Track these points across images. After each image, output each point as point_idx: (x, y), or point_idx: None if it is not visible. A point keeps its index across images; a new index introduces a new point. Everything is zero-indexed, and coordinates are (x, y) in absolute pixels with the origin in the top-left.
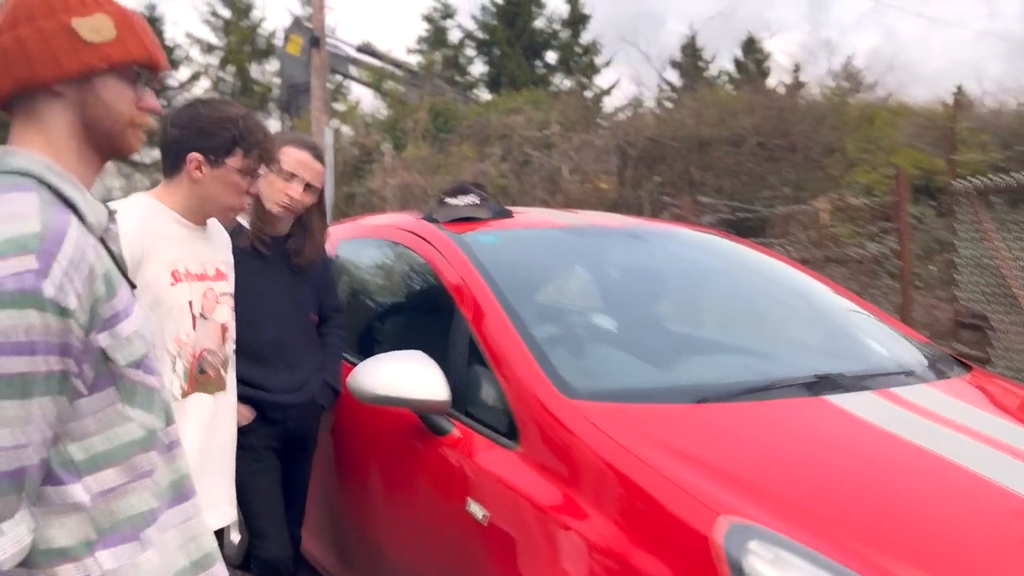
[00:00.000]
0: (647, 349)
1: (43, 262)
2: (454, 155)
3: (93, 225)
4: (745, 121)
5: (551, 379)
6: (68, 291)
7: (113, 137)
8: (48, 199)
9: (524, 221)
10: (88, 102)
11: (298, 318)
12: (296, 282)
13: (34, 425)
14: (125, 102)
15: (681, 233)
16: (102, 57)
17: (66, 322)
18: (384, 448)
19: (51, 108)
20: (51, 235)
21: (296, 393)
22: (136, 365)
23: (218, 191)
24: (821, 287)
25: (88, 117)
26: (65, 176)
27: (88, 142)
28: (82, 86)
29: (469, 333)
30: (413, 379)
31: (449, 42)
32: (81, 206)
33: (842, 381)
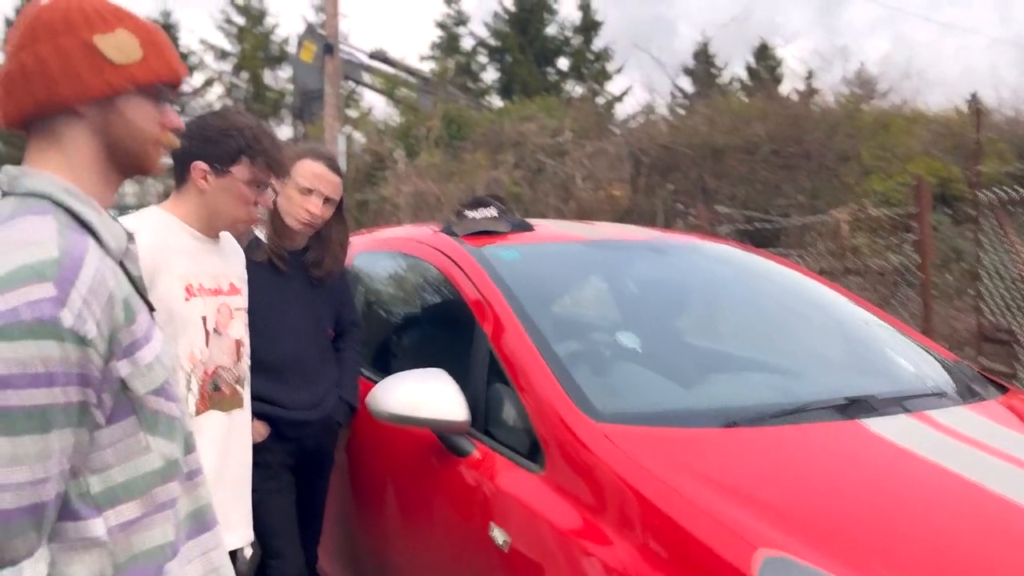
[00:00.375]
0: (672, 367)
1: (61, 290)
2: (467, 163)
3: (112, 248)
4: (759, 128)
5: (576, 400)
6: (87, 319)
7: (136, 156)
8: (65, 222)
9: (544, 235)
10: (111, 122)
11: (316, 333)
12: (314, 296)
13: (54, 459)
14: (149, 121)
15: (702, 246)
16: (128, 78)
17: (85, 352)
18: (402, 467)
19: (72, 129)
20: (69, 261)
21: (313, 410)
22: (156, 392)
23: (225, 203)
24: (845, 301)
25: (111, 137)
26: (83, 198)
27: (110, 162)
28: (105, 106)
29: (489, 351)
30: (432, 398)
31: (462, 49)
32: (100, 229)
33: (875, 403)
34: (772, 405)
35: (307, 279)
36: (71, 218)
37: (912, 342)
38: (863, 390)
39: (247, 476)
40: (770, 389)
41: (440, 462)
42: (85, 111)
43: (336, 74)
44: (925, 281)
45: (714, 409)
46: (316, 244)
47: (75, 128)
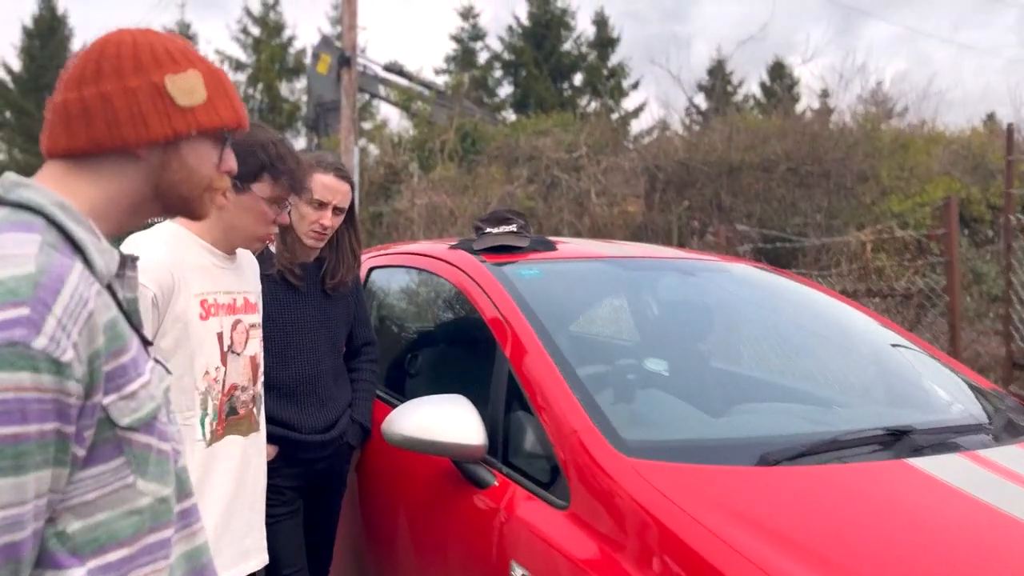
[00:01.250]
0: (701, 395)
1: (35, 311)
2: (482, 176)
3: (101, 271)
4: (777, 146)
5: (604, 432)
6: (63, 342)
7: (188, 201)
8: (53, 242)
9: (565, 252)
10: (170, 167)
11: (331, 352)
12: (329, 312)
13: (29, 502)
14: (207, 166)
15: (728, 267)
16: (194, 123)
17: (61, 378)
18: (417, 496)
19: (125, 169)
20: (47, 280)
21: (326, 433)
22: (145, 428)
23: (243, 220)
24: (875, 325)
25: (166, 181)
26: (77, 216)
27: (155, 202)
28: (167, 150)
29: (510, 374)
30: (448, 423)
31: (477, 63)
32: (90, 251)
33: (918, 438)
34: (809, 436)
35: (321, 293)
36: (61, 237)
37: (946, 368)
38: (903, 421)
39: (262, 500)
40: (805, 420)
41: (457, 491)
42: (144, 154)
43: (352, 86)
44: (952, 304)
45: (748, 442)
46: (329, 253)
47: (127, 168)
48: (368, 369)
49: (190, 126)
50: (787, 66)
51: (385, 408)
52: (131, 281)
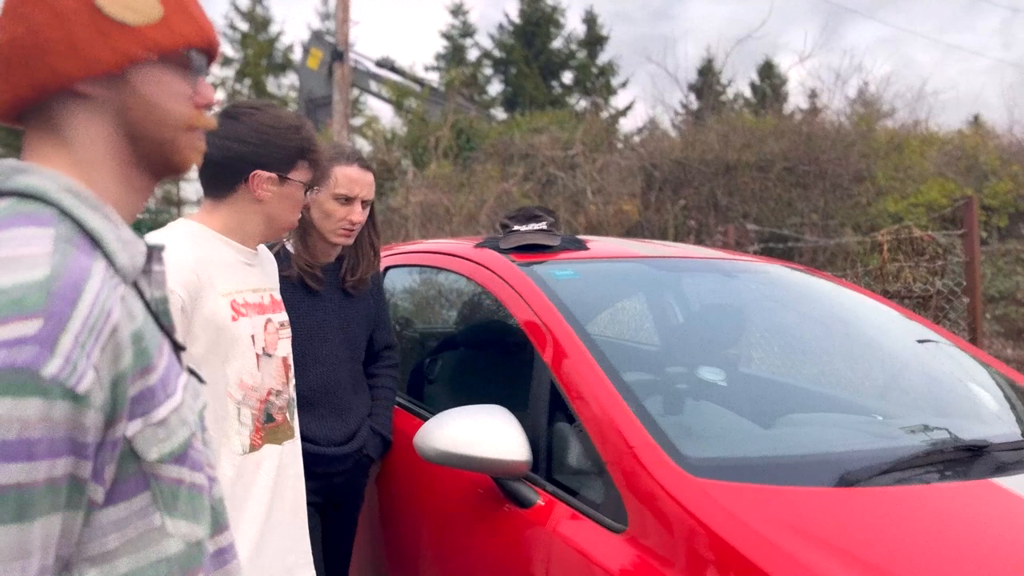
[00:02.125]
0: (758, 406)
1: (49, 327)
2: (478, 174)
3: (126, 268)
4: (774, 146)
5: (665, 449)
6: (81, 366)
7: (165, 147)
8: (67, 235)
9: (598, 252)
10: (128, 104)
11: (351, 359)
12: (350, 316)
13: (35, 555)
14: (176, 99)
15: (767, 268)
16: (143, 43)
17: (78, 410)
18: (450, 515)
19: (75, 115)
20: (62, 287)
21: (344, 445)
22: (176, 459)
23: (282, 210)
24: (924, 329)
25: (130, 124)
26: (94, 201)
27: (134, 158)
28: (116, 83)
29: (552, 384)
30: (488, 436)
31: (466, 61)
32: (110, 244)
33: (1003, 457)
34: (886, 453)
35: (341, 295)
36: (76, 229)
37: (1003, 377)
38: (977, 436)
39: (303, 510)
40: (873, 434)
41: (495, 510)
42: (92, 91)
43: (345, 81)
44: (974, 306)
45: (821, 459)
46: (347, 249)
47: (80, 114)
48: (388, 375)
49: (141, 47)
50: (775, 66)
51: (408, 418)
52: (159, 277)
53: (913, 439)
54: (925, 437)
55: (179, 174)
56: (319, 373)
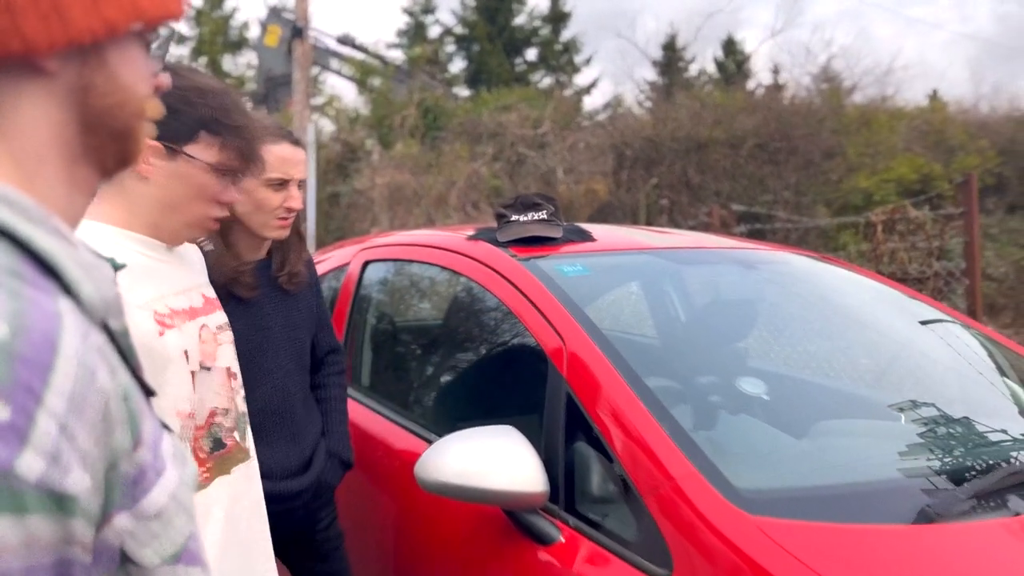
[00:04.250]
0: (814, 424)
1: (19, 410)
2: (447, 154)
3: (94, 304)
4: (744, 123)
5: (711, 480)
6: (65, 457)
7: (124, 137)
8: (10, 266)
9: (607, 244)
10: (92, 84)
11: (299, 368)
12: (292, 318)
13: None
14: (144, 81)
15: (788, 259)
16: (132, 9)
17: (68, 521)
18: (455, 551)
19: (20, 96)
20: (29, 349)
21: (303, 475)
22: (177, 558)
23: (177, 195)
24: (958, 324)
25: (89, 109)
26: (36, 212)
27: (83, 150)
28: (86, 57)
29: (569, 399)
30: (497, 463)
31: (427, 38)
32: (70, 271)
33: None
34: (958, 472)
35: (279, 296)
36: (20, 255)
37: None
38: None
39: (265, 546)
40: (944, 453)
41: (509, 547)
42: (53, 65)
43: (306, 59)
44: (974, 287)
45: (888, 488)
46: (276, 245)
47: (28, 94)
48: (337, 384)
49: (127, 15)
50: (737, 43)
51: (402, 437)
52: (116, 301)
53: (986, 453)
54: (998, 450)
55: (125, 167)
56: (265, 392)
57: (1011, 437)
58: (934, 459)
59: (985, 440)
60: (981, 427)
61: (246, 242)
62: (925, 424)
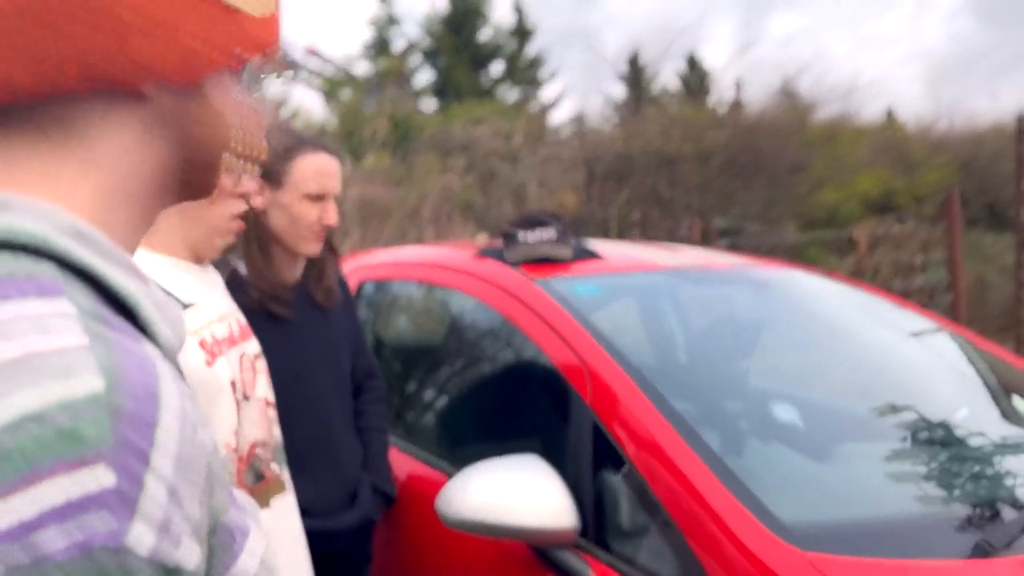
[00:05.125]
0: (853, 451)
1: (126, 475)
2: (418, 167)
3: (172, 346)
4: (713, 138)
5: (757, 515)
6: (178, 529)
7: (210, 172)
8: (92, 309)
9: (617, 263)
10: (195, 117)
11: (340, 393)
12: (331, 337)
13: None
14: (235, 111)
15: (801, 278)
16: (249, 39)
17: None
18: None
19: (116, 125)
20: (132, 404)
21: (347, 513)
22: None
23: (194, 203)
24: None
25: (189, 142)
26: (109, 249)
27: (170, 185)
28: (190, 91)
29: (596, 428)
30: (523, 496)
31: (391, 52)
32: (150, 312)
33: None
34: (1008, 496)
35: (316, 315)
36: (95, 296)
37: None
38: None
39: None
40: (995, 480)
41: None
42: (160, 94)
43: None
44: (957, 301)
45: (939, 519)
46: (309, 260)
47: (118, 122)
48: (378, 412)
49: (245, 44)
50: (698, 62)
51: (409, 464)
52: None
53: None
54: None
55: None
56: (307, 421)
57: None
58: (983, 488)
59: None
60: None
61: (282, 259)
62: (969, 450)
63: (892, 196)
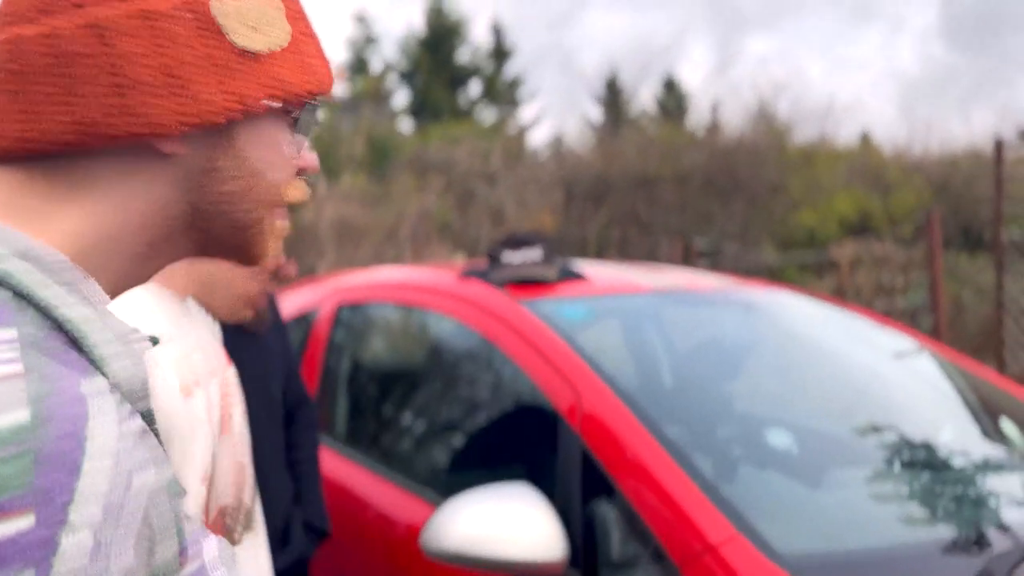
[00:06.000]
0: (848, 476)
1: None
2: (395, 187)
3: (130, 384)
4: (691, 159)
5: (757, 545)
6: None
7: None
8: (34, 337)
9: (603, 284)
10: (220, 169)
11: (271, 424)
12: (258, 364)
13: None
14: (283, 166)
15: (789, 300)
16: (268, 81)
17: None
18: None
19: (128, 176)
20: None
21: (281, 554)
22: None
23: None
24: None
25: (207, 196)
26: (71, 276)
27: (186, 237)
28: (211, 137)
29: (585, 457)
30: (512, 527)
31: (370, 71)
32: (98, 343)
33: None
34: (1010, 519)
35: (241, 343)
36: (43, 322)
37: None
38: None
39: None
40: (994, 505)
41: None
42: (172, 147)
43: None
44: (938, 323)
45: (939, 546)
46: None
47: (142, 176)
48: (310, 443)
49: (261, 88)
50: (676, 84)
51: (386, 493)
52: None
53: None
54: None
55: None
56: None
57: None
58: (983, 513)
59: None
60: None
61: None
62: (965, 472)
63: (869, 218)
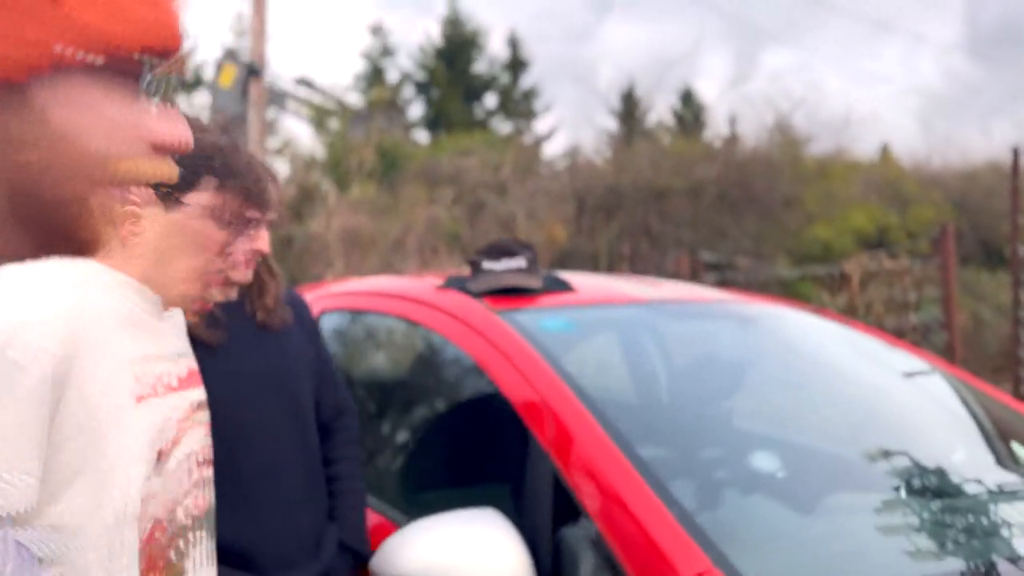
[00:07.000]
0: (844, 503)
1: None
2: (404, 197)
3: None
4: (704, 172)
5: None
6: None
7: (66, 212)
8: None
9: (589, 295)
10: (23, 134)
11: (297, 425)
12: (276, 361)
13: None
14: (105, 133)
15: (788, 314)
16: (74, 32)
17: None
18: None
19: None
20: None
21: (302, 568)
22: None
23: (172, 248)
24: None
25: (21, 172)
26: None
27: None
28: (11, 95)
29: (555, 479)
30: (475, 556)
31: (385, 82)
32: None
33: None
34: (1014, 557)
35: (256, 340)
36: None
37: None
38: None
39: None
40: (990, 531)
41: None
42: None
43: (261, 99)
44: (952, 341)
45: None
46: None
47: None
48: (350, 457)
49: (66, 39)
50: (693, 95)
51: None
52: None
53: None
54: None
55: (81, 253)
56: (251, 454)
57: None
58: (993, 545)
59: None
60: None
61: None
62: (973, 500)
63: (886, 232)
